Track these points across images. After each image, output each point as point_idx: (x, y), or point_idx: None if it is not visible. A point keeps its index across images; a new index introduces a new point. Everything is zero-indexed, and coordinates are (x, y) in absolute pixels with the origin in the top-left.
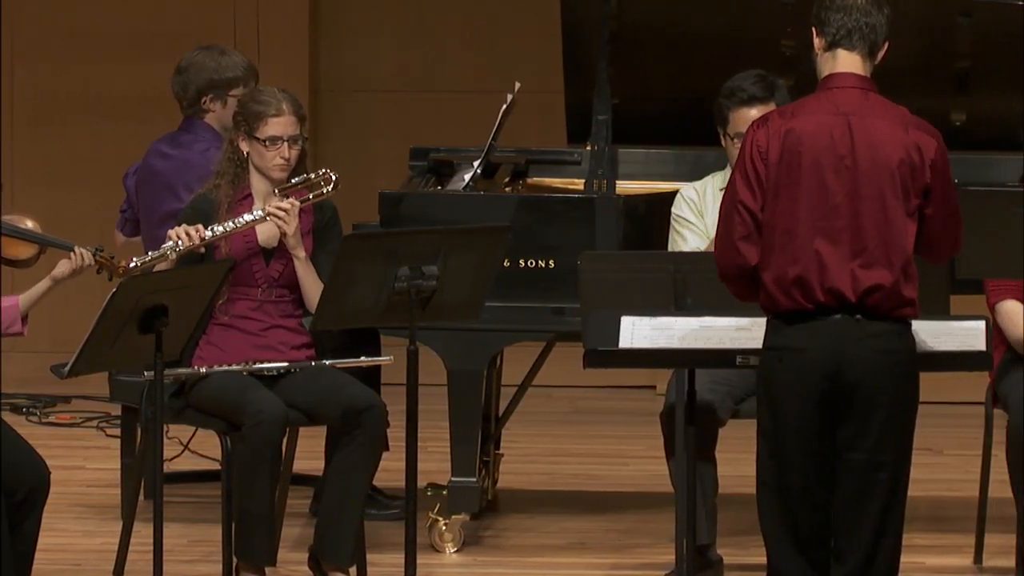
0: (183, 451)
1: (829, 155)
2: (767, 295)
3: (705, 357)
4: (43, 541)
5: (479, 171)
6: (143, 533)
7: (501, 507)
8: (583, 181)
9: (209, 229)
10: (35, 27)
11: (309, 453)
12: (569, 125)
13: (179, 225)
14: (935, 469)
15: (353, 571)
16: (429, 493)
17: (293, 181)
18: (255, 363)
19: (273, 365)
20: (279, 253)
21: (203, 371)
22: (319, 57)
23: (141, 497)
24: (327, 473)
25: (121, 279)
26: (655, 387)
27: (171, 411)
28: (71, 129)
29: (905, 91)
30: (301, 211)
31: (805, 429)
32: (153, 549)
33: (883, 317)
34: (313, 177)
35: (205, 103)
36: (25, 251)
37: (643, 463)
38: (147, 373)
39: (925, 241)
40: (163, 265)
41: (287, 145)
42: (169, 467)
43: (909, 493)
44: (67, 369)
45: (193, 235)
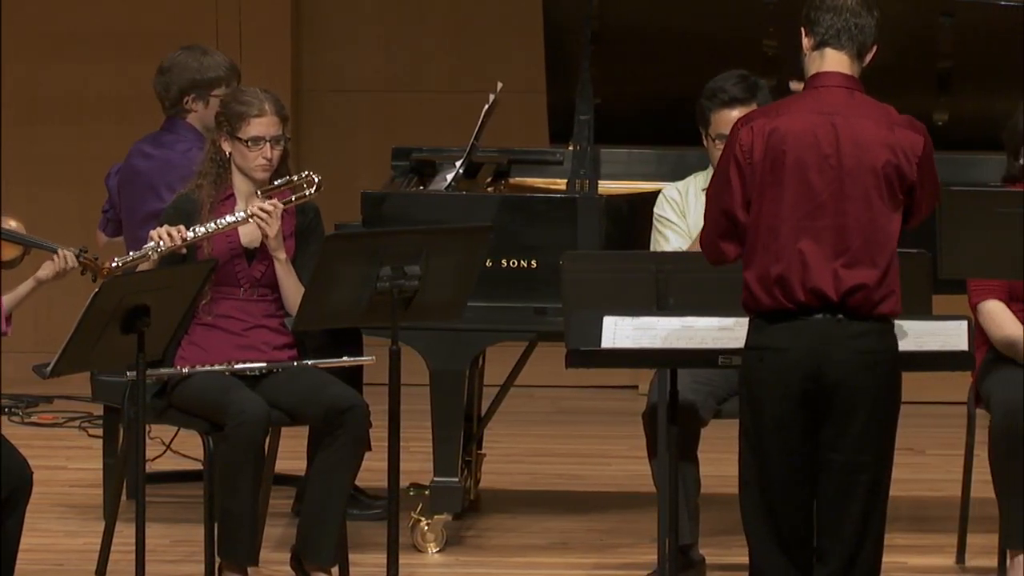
0: (165, 451)
1: (813, 154)
2: (749, 294)
3: (687, 357)
4: (25, 541)
5: (461, 171)
6: (125, 533)
7: (483, 507)
8: (565, 181)
9: (191, 230)
10: (17, 28)
11: (291, 453)
12: (551, 125)
13: (161, 225)
14: (917, 469)
15: (335, 571)
16: (411, 493)
17: (276, 183)
18: (237, 363)
19: (255, 365)
20: (261, 254)
21: (185, 371)
22: (301, 57)
23: (123, 497)
24: (309, 473)
25: (105, 280)
26: (637, 387)
27: (153, 411)
28: (53, 129)
29: (887, 91)
30: (284, 213)
31: (787, 429)
32: (135, 549)
33: (865, 317)
34: (296, 179)
35: (187, 103)
36: (9, 252)
37: (625, 463)
38: (129, 373)
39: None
40: (145, 265)
41: (269, 145)
42: (151, 467)
43: (891, 493)
44: (49, 369)
45: (175, 236)
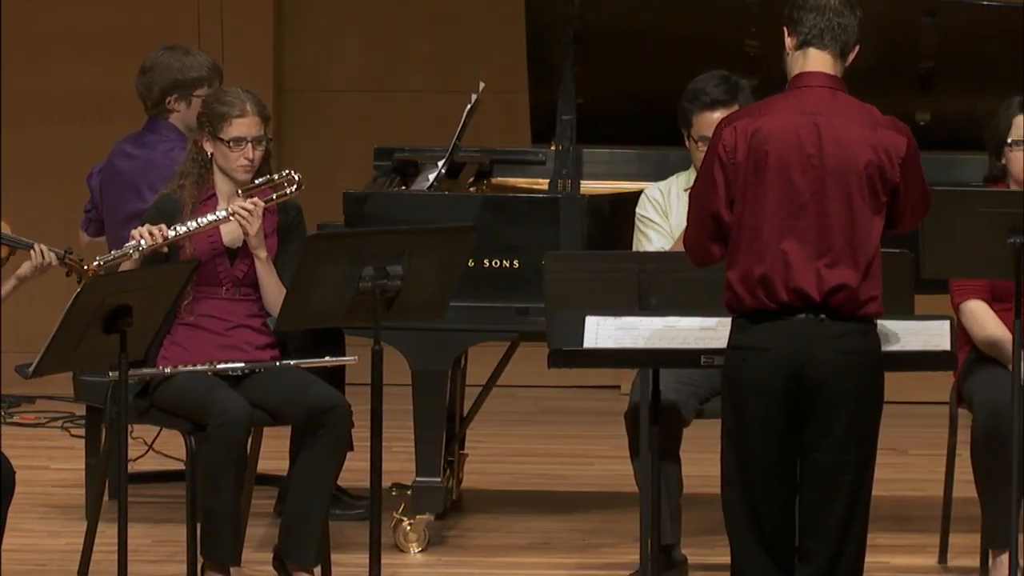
0: (148, 451)
1: (796, 154)
2: (732, 294)
3: (669, 357)
4: (7, 541)
5: (443, 171)
6: (108, 533)
7: (465, 507)
8: (547, 181)
9: (172, 229)
10: None
11: (273, 453)
12: (533, 125)
13: (142, 225)
14: (900, 469)
15: (317, 571)
16: (394, 493)
17: (257, 182)
18: (219, 363)
19: (237, 365)
20: (243, 253)
21: (167, 371)
22: (283, 57)
23: (106, 497)
24: (291, 473)
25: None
26: (619, 387)
27: (135, 411)
28: (35, 129)
29: (869, 91)
30: (265, 211)
31: (769, 429)
32: (118, 549)
33: (847, 317)
34: (277, 178)
35: (169, 103)
36: None
37: (607, 463)
38: (111, 373)
39: (890, 218)
40: (127, 265)
41: (251, 146)
42: (133, 467)
43: (874, 493)
44: (32, 369)
45: (156, 234)
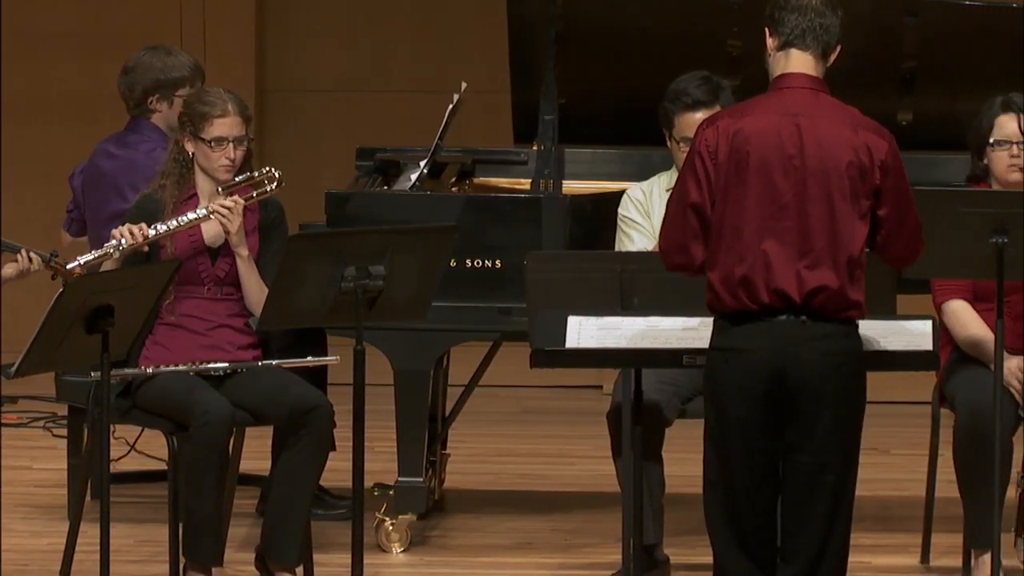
0: (129, 451)
1: (777, 155)
2: (713, 295)
3: (652, 357)
4: None
5: (425, 171)
6: (90, 533)
7: (448, 507)
8: (529, 181)
9: (152, 228)
10: None
11: (256, 453)
12: (515, 125)
13: (123, 225)
14: (882, 469)
15: (300, 571)
16: (376, 493)
17: (237, 179)
18: (201, 363)
19: (219, 365)
20: (225, 252)
21: (150, 371)
22: (265, 57)
23: (88, 497)
24: (274, 473)
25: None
26: (602, 387)
27: (118, 411)
28: (17, 129)
29: (852, 91)
30: (246, 209)
31: (750, 429)
32: (100, 549)
33: (829, 319)
34: (257, 175)
35: (151, 103)
36: None
37: (590, 463)
38: (94, 373)
39: (881, 242)
40: (108, 265)
41: (232, 146)
42: (116, 467)
43: (856, 493)
44: (14, 369)
45: (136, 233)
